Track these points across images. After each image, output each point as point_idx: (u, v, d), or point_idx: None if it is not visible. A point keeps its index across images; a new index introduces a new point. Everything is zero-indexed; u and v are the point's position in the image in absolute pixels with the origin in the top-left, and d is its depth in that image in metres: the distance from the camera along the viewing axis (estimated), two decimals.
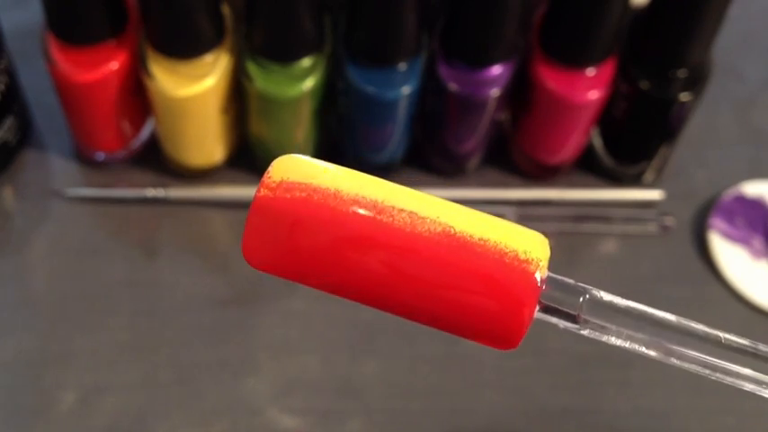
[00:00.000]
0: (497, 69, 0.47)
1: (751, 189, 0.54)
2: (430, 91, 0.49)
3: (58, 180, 0.52)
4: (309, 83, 0.47)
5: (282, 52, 0.46)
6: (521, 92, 0.49)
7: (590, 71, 0.48)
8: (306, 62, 0.46)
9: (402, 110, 0.48)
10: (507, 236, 0.25)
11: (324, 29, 0.47)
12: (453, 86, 0.47)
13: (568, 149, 0.52)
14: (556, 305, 0.26)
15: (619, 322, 0.26)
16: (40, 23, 0.47)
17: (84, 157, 0.53)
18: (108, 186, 0.52)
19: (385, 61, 0.46)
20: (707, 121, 0.56)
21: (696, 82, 0.48)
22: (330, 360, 0.48)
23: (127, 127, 0.51)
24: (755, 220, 0.53)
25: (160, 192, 0.51)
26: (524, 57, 0.48)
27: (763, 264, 0.51)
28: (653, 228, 0.53)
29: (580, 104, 0.48)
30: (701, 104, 0.50)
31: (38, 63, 0.48)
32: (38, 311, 0.48)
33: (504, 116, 0.52)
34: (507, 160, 0.54)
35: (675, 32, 0.46)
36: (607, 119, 0.51)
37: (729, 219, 0.53)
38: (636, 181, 0.54)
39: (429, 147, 0.53)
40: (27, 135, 0.53)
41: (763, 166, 0.55)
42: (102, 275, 0.49)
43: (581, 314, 0.26)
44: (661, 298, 0.51)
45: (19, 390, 0.46)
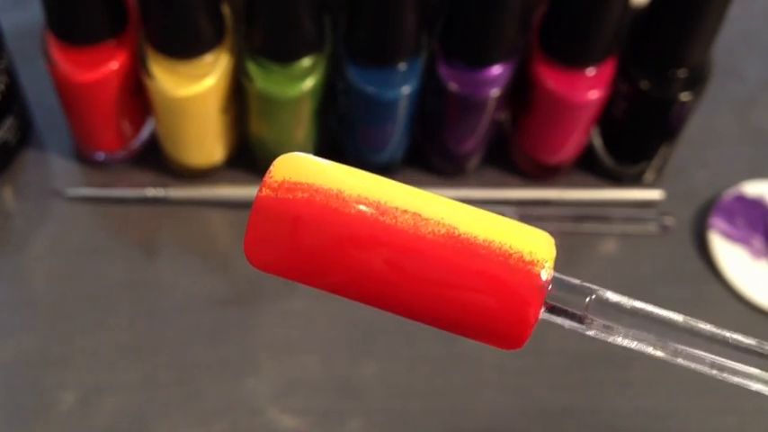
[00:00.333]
0: (497, 69, 0.47)
1: (751, 189, 0.54)
2: (430, 91, 0.49)
3: (58, 180, 0.52)
4: (309, 83, 0.47)
5: (282, 52, 0.46)
6: (521, 92, 0.49)
7: (590, 71, 0.47)
8: (306, 62, 0.46)
9: (402, 110, 0.48)
10: (512, 236, 0.25)
11: (324, 29, 0.47)
12: (453, 86, 0.47)
13: (568, 149, 0.52)
14: (562, 305, 0.26)
15: (625, 323, 0.26)
16: (40, 23, 0.47)
17: (84, 157, 0.53)
18: (108, 186, 0.52)
19: (385, 61, 0.46)
20: (707, 121, 0.56)
21: (696, 82, 0.48)
22: (330, 360, 0.48)
23: (127, 127, 0.51)
24: (755, 220, 0.53)
25: (160, 192, 0.51)
26: (524, 57, 0.48)
27: (763, 263, 0.51)
28: (653, 228, 0.53)
29: (580, 104, 0.48)
30: (702, 104, 0.50)
31: (38, 63, 0.48)
32: (38, 311, 0.48)
33: (504, 116, 0.52)
34: (507, 160, 0.54)
35: (675, 32, 0.46)
36: (607, 119, 0.51)
37: (729, 218, 0.53)
38: (636, 181, 0.54)
39: (429, 147, 0.53)
40: (27, 135, 0.53)
41: (763, 166, 0.55)
42: (102, 275, 0.49)
43: (587, 314, 0.26)
44: (661, 298, 0.51)
45: (19, 390, 0.46)
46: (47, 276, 0.49)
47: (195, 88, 0.46)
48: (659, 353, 0.26)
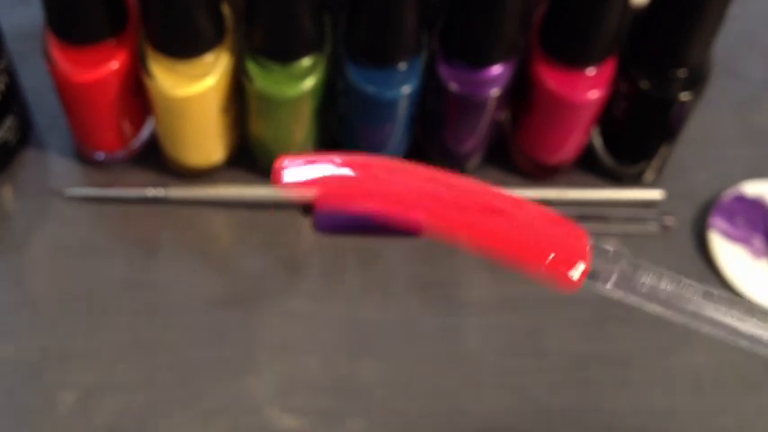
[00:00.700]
0: (497, 69, 0.47)
1: (751, 189, 0.54)
2: (430, 91, 0.49)
3: (58, 180, 0.52)
4: (309, 82, 0.47)
5: (282, 52, 0.46)
6: (521, 92, 0.49)
7: (590, 71, 0.47)
8: (306, 62, 0.46)
9: (402, 110, 0.48)
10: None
11: (324, 28, 0.46)
12: (453, 86, 0.47)
13: (568, 149, 0.52)
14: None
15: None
16: (40, 23, 0.47)
17: (84, 157, 0.53)
18: (108, 186, 0.52)
19: (385, 61, 0.46)
20: (707, 121, 0.56)
21: (696, 82, 0.48)
22: (330, 360, 0.48)
23: (127, 126, 0.51)
24: (756, 220, 0.53)
25: (160, 191, 0.51)
26: (524, 56, 0.48)
27: (763, 263, 0.51)
28: (653, 227, 0.53)
29: (580, 104, 0.48)
30: (702, 104, 0.50)
31: (38, 63, 0.48)
32: (38, 311, 0.48)
33: (504, 116, 0.52)
34: (507, 160, 0.54)
35: (676, 32, 0.46)
36: (607, 118, 0.51)
37: (730, 218, 0.53)
38: (636, 181, 0.54)
39: (429, 147, 0.53)
40: (27, 135, 0.53)
41: (763, 166, 0.55)
42: (102, 275, 0.49)
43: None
44: None
45: (19, 390, 0.46)
46: (47, 276, 0.49)
47: (195, 88, 0.46)
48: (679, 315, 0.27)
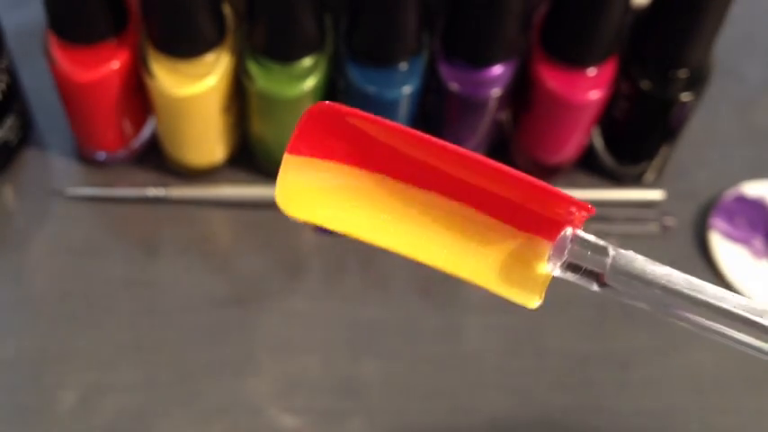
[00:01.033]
0: (498, 69, 0.47)
1: (752, 189, 0.54)
2: (431, 91, 0.49)
3: (59, 179, 0.52)
4: (310, 82, 0.47)
5: (283, 52, 0.46)
6: (521, 92, 0.49)
7: (591, 71, 0.47)
8: (307, 62, 0.46)
9: (403, 109, 0.48)
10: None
11: (325, 28, 0.47)
12: (454, 86, 0.47)
13: (569, 149, 0.52)
14: (580, 263, 0.27)
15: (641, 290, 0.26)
16: (41, 23, 0.47)
17: (84, 157, 0.53)
18: (109, 186, 0.52)
19: (386, 61, 0.46)
20: (708, 122, 0.56)
21: (697, 82, 0.48)
22: (330, 360, 0.48)
23: (128, 126, 0.51)
24: (756, 221, 0.53)
25: (161, 191, 0.51)
26: (525, 56, 0.48)
27: (763, 264, 0.51)
28: (654, 228, 0.53)
29: (581, 104, 0.48)
30: (702, 104, 0.50)
31: (39, 62, 0.48)
32: (38, 311, 0.48)
33: (504, 116, 0.52)
34: (508, 160, 0.54)
35: (676, 33, 0.46)
36: (608, 119, 0.51)
37: (730, 219, 0.53)
38: (637, 181, 0.54)
39: None
40: (28, 134, 0.53)
41: (763, 167, 0.55)
42: (102, 275, 0.49)
43: (605, 274, 0.26)
44: None
45: (19, 389, 0.46)
46: (47, 276, 0.49)
47: (196, 88, 0.46)
48: (677, 319, 0.26)
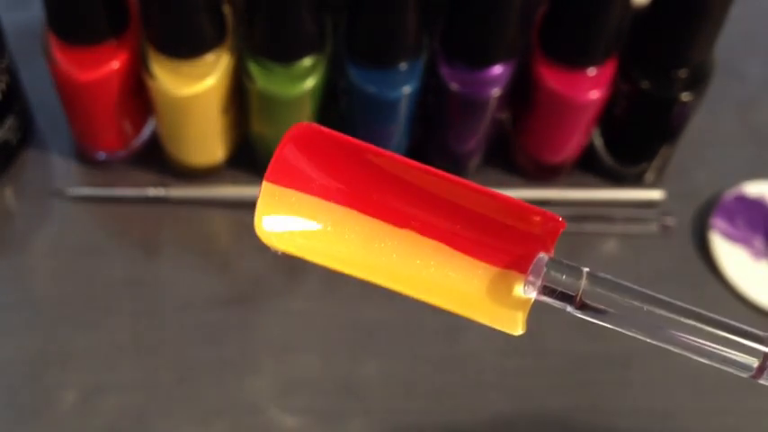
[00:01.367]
0: (498, 69, 0.47)
1: (752, 189, 0.54)
2: (431, 91, 0.49)
3: (59, 179, 0.52)
4: (310, 83, 0.47)
5: (283, 52, 0.46)
6: (522, 92, 0.49)
7: (591, 71, 0.47)
8: (307, 62, 0.46)
9: (403, 110, 0.48)
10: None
11: (325, 28, 0.47)
12: (454, 86, 0.47)
13: (569, 149, 0.52)
14: (555, 286, 0.26)
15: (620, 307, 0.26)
16: (41, 23, 0.47)
17: (85, 157, 0.53)
18: (109, 186, 0.52)
19: (386, 61, 0.46)
20: (708, 121, 0.56)
21: (697, 82, 0.48)
22: (330, 360, 0.48)
23: (128, 126, 0.51)
24: (756, 221, 0.53)
25: (161, 191, 0.51)
26: (525, 56, 0.48)
27: (763, 264, 0.51)
28: (654, 228, 0.53)
29: (581, 104, 0.48)
30: (702, 104, 0.50)
31: (39, 63, 0.48)
32: (38, 311, 0.48)
33: (504, 116, 0.52)
34: (508, 160, 0.54)
35: (677, 32, 0.46)
36: (608, 119, 0.51)
37: (730, 219, 0.53)
38: (637, 181, 0.54)
39: (430, 147, 0.53)
40: (28, 135, 0.53)
41: (763, 166, 0.55)
42: (102, 275, 0.49)
43: (580, 296, 0.26)
44: None
45: (19, 389, 0.46)
46: (47, 276, 0.49)
47: (196, 88, 0.46)
48: (651, 339, 0.26)
